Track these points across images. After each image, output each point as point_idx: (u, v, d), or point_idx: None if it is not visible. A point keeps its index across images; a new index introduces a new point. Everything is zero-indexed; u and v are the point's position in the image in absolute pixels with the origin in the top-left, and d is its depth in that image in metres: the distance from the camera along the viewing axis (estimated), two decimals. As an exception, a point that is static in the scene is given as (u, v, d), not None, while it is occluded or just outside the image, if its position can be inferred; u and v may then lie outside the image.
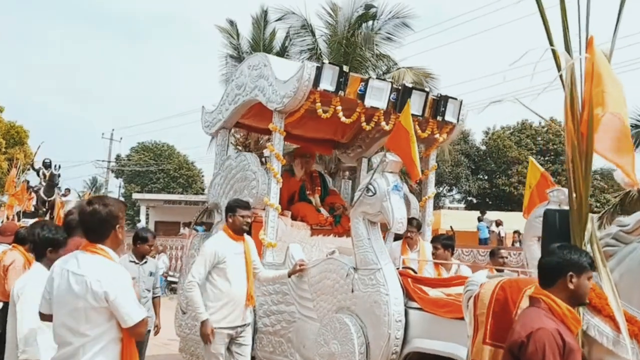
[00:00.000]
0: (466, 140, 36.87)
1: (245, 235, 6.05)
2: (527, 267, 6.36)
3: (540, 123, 36.86)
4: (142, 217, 37.15)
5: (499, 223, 22.90)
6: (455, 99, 7.16)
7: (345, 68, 6.65)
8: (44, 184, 19.48)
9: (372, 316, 5.43)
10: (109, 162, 47.57)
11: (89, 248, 3.58)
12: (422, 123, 7.08)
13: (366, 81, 6.73)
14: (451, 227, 23.06)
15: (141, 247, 7.19)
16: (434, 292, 5.54)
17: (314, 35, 20.93)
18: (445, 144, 7.73)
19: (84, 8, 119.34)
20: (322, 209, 7.58)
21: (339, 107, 6.66)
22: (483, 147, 38.08)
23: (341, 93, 6.61)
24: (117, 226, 3.62)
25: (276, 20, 22.35)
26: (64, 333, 3.52)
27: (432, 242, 6.79)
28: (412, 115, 6.81)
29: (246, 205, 5.99)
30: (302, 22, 21.32)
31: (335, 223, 7.55)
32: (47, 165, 19.98)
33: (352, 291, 5.64)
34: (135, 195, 40.03)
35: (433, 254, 6.74)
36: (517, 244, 19.21)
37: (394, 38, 20.21)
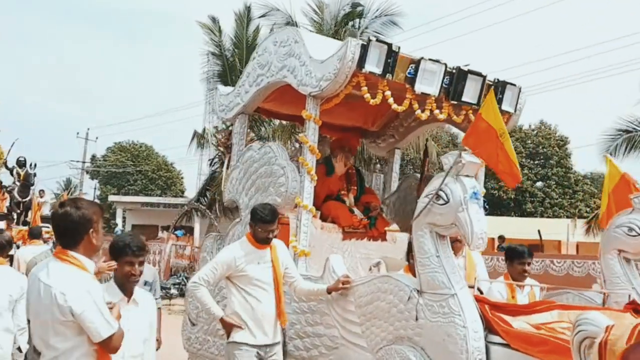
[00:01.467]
0: (455, 144, 36.17)
1: (275, 240, 5.27)
2: (605, 285, 5.48)
3: (530, 126, 36.26)
4: (119, 220, 36.18)
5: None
6: (514, 85, 6.20)
7: (395, 46, 5.64)
8: (18, 183, 18.33)
9: (445, 352, 4.47)
10: (84, 162, 46.08)
11: (61, 255, 3.38)
12: (476, 112, 6.09)
13: (417, 62, 5.73)
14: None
15: None
16: (517, 323, 4.60)
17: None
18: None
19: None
20: (355, 209, 6.58)
21: (388, 92, 5.66)
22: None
23: (389, 76, 5.62)
24: (91, 230, 3.41)
25: (260, 17, 21.89)
26: (38, 343, 3.38)
27: (518, 256, 5.76)
28: (465, 103, 5.92)
29: (270, 219, 5.15)
30: (287, 19, 20.79)
31: (370, 226, 6.56)
32: (21, 164, 18.84)
33: (417, 319, 4.68)
34: (111, 198, 39.13)
35: (525, 271, 5.74)
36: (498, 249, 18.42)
37: (382, 37, 19.59)
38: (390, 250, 6.53)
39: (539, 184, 34.30)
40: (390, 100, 5.70)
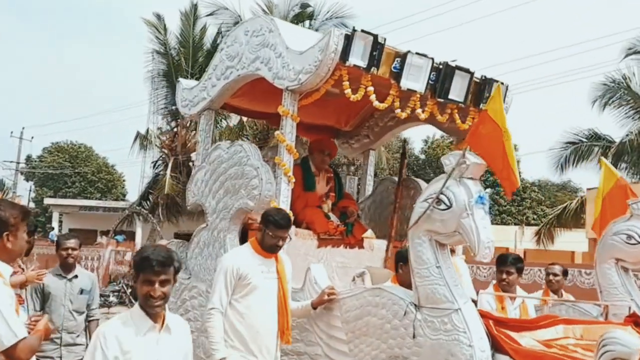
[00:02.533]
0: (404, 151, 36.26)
1: (281, 254, 4.70)
2: (601, 296, 5.16)
3: None
4: (55, 224, 34.65)
5: None
6: (502, 83, 5.83)
7: (381, 38, 5.20)
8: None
9: (448, 373, 4.04)
10: (18, 163, 44.12)
11: None
12: (462, 111, 5.72)
13: (403, 56, 5.31)
14: None
15: (58, 254, 5.85)
16: (524, 340, 4.20)
17: None
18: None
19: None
20: (331, 215, 6.10)
21: (371, 88, 5.22)
22: (422, 156, 37.31)
23: (374, 70, 5.19)
24: (6, 234, 3.22)
25: (207, 15, 21.40)
26: None
27: (500, 264, 5.41)
28: (452, 101, 5.53)
29: (284, 225, 4.58)
30: (235, 18, 20.44)
31: (347, 232, 6.08)
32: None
33: (414, 337, 4.23)
34: (47, 201, 37.61)
35: (503, 280, 5.37)
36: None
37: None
38: (367, 259, 6.09)
39: (488, 190, 34.48)
40: (373, 96, 5.27)
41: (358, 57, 5.13)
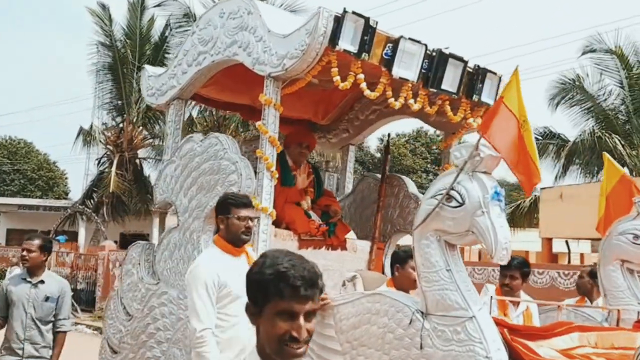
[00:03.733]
0: (360, 147, 35.91)
1: (249, 249, 4.27)
2: (606, 299, 4.87)
3: (435, 131, 36.54)
4: None
5: None
6: (495, 73, 5.49)
7: (372, 21, 4.78)
8: None
9: (462, 388, 3.65)
10: None
11: None
12: (454, 103, 5.36)
13: (395, 42, 4.90)
14: None
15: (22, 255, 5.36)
16: (543, 350, 3.85)
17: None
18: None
19: None
20: (312, 214, 5.65)
21: (361, 76, 4.80)
22: (378, 155, 37.11)
23: (365, 56, 4.77)
24: None
25: (155, 6, 20.82)
26: None
27: (503, 267, 5.04)
28: (445, 92, 5.16)
29: (245, 202, 4.17)
30: (185, 10, 19.94)
31: (330, 233, 5.65)
32: None
33: (421, 347, 3.82)
34: None
35: (506, 285, 5.01)
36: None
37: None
38: (350, 261, 5.67)
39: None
40: (363, 85, 4.85)
41: (348, 42, 4.71)
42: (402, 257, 4.50)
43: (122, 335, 5.47)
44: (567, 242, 18.55)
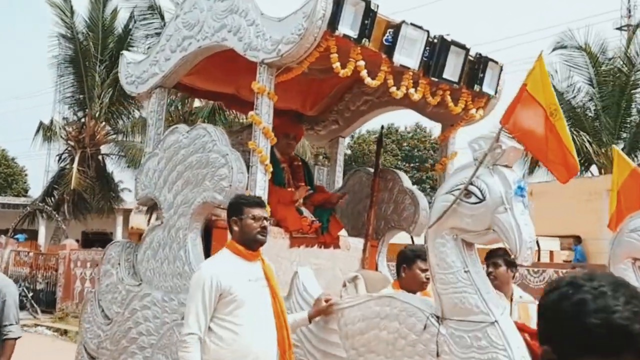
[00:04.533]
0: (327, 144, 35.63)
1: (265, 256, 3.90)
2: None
3: (406, 128, 36.37)
4: None
5: None
6: (496, 62, 5.24)
7: (374, 4, 4.48)
8: None
9: (485, 400, 3.37)
10: None
11: None
12: (454, 93, 5.09)
13: (396, 27, 4.62)
14: None
15: None
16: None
17: (162, 18, 19.23)
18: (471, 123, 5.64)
19: None
20: (304, 210, 5.32)
21: (361, 63, 4.50)
22: (348, 151, 36.80)
23: (365, 42, 4.48)
24: None
25: None
26: None
27: (487, 257, 4.78)
28: (447, 81, 4.90)
29: (258, 201, 3.85)
30: (149, 2, 19.48)
31: (323, 230, 5.33)
32: None
33: (438, 355, 3.54)
34: None
35: (489, 274, 4.74)
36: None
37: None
38: (343, 259, 5.38)
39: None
40: (364, 72, 4.55)
41: (348, 26, 4.41)
42: (410, 257, 4.21)
43: (100, 340, 5.10)
44: (537, 240, 18.55)
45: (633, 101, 19.33)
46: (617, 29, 28.49)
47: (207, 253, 4.82)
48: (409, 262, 4.21)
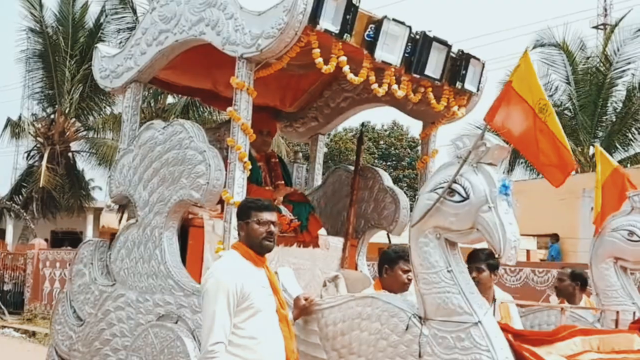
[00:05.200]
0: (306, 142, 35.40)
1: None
2: (599, 299, 4.64)
3: (383, 126, 36.33)
4: None
5: None
6: (478, 59, 5.19)
7: (356, -1, 4.41)
8: None
9: (469, 402, 3.33)
10: None
11: None
12: (436, 90, 5.03)
13: (378, 23, 4.54)
14: None
15: None
16: (551, 357, 3.56)
17: (135, 12, 18.82)
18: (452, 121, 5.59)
19: None
20: (283, 208, 5.23)
21: (344, 58, 4.43)
22: (325, 149, 36.65)
23: (346, 37, 4.40)
24: None
25: None
26: None
27: (470, 260, 4.71)
28: (429, 78, 4.85)
29: (267, 205, 3.69)
30: None
31: (302, 228, 5.25)
32: None
33: (420, 356, 3.48)
34: None
35: (472, 278, 4.68)
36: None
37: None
38: (323, 259, 5.30)
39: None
40: (346, 68, 4.48)
41: (329, 21, 4.33)
42: (392, 257, 4.15)
43: (72, 342, 4.96)
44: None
45: (609, 100, 19.51)
46: (594, 27, 28.78)
47: (183, 252, 4.73)
48: (391, 262, 4.16)
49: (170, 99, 19.64)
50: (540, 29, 19.03)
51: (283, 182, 5.44)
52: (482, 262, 4.68)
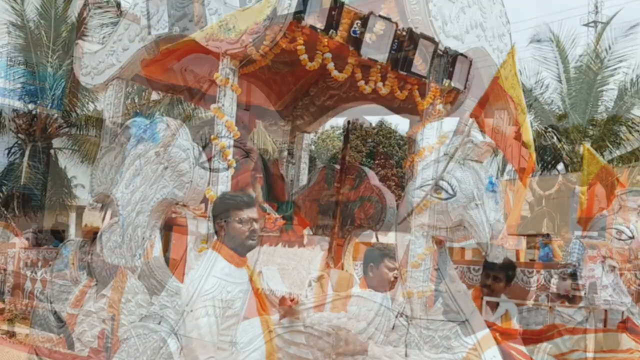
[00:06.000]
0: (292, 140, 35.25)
1: None
2: (587, 297, 4.62)
3: (370, 124, 36.21)
4: None
5: None
6: (465, 56, 5.16)
7: (341, -5, 4.36)
8: None
9: (456, 402, 3.30)
10: None
11: None
12: (422, 87, 5.00)
13: (364, 19, 4.50)
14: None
15: None
16: (540, 356, 3.54)
17: (119, 7, 18.63)
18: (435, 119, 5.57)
19: None
20: (267, 207, 5.18)
21: (329, 55, 4.39)
22: (312, 147, 36.50)
23: (332, 33, 4.36)
24: None
25: None
26: None
27: (487, 266, 4.63)
28: (416, 75, 4.82)
29: (247, 201, 3.58)
30: None
31: (287, 227, 5.20)
32: None
33: (406, 355, 3.45)
34: None
35: (487, 285, 4.61)
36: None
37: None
38: (308, 258, 5.20)
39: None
40: (331, 65, 4.45)
41: (315, 16, 4.29)
42: (378, 256, 4.11)
43: (53, 343, 4.87)
44: None
45: (600, 98, 19.49)
46: (585, 25, 28.78)
47: (166, 252, 4.66)
48: (376, 261, 4.12)
49: (155, 95, 19.46)
50: (535, 25, 18.96)
51: (261, 175, 5.38)
52: (502, 271, 4.59)
